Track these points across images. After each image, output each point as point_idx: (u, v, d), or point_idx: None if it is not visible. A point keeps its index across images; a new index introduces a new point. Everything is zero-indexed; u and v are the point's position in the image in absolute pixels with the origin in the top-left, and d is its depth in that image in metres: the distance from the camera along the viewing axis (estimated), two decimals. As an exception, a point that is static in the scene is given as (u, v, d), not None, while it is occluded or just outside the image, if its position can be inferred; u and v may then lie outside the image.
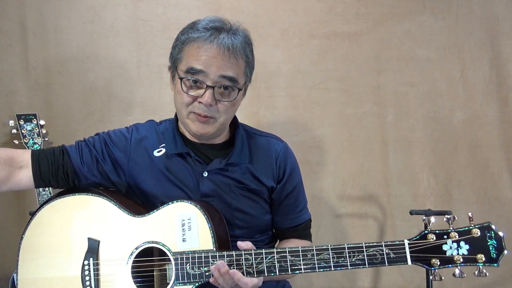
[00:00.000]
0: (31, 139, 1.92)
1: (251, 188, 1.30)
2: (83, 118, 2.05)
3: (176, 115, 1.32)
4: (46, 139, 1.97)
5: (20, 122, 1.92)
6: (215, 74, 1.16)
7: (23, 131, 1.91)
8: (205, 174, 1.26)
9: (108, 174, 1.28)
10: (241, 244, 1.13)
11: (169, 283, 1.13)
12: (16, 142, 1.91)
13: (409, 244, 1.05)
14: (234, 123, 1.36)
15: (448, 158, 2.15)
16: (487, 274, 0.99)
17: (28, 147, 1.90)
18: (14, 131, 1.92)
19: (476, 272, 1.00)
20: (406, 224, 2.12)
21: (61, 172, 1.24)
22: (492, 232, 1.01)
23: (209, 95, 1.16)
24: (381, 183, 2.15)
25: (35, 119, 1.94)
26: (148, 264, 1.19)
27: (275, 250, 1.11)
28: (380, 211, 2.16)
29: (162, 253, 1.18)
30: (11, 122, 1.93)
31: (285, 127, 2.11)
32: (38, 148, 1.91)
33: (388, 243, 1.06)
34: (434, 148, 2.15)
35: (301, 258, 1.09)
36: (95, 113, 2.05)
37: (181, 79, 1.18)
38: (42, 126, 1.95)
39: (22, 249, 1.19)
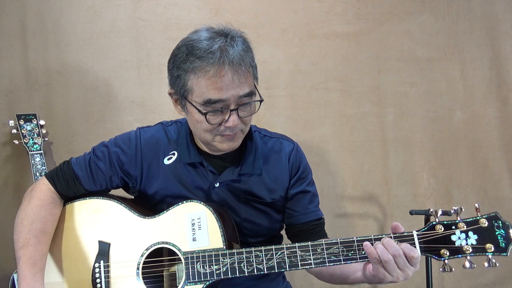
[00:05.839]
0: (31, 139, 1.92)
1: (263, 200, 1.29)
2: (83, 118, 2.05)
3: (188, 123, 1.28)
4: (46, 139, 1.97)
5: (20, 122, 1.92)
6: (235, 97, 1.09)
7: (23, 131, 1.91)
8: (217, 184, 1.25)
9: (120, 186, 1.31)
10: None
11: (179, 283, 1.13)
12: (16, 142, 1.91)
13: (417, 235, 1.04)
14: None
15: (448, 158, 2.16)
16: (497, 264, 0.99)
17: (28, 147, 1.90)
18: (14, 131, 1.92)
19: (486, 263, 0.99)
20: (406, 224, 2.10)
21: (78, 192, 1.27)
22: (500, 222, 1.01)
23: (235, 118, 1.11)
24: (381, 183, 2.15)
25: (35, 119, 1.94)
26: (158, 264, 1.19)
27: (284, 246, 1.10)
28: (380, 211, 2.16)
29: (172, 253, 1.18)
30: (11, 122, 1.93)
31: (285, 127, 2.11)
32: (38, 148, 1.91)
33: (397, 234, 1.05)
34: (434, 148, 2.16)
35: (311, 253, 1.08)
36: (95, 113, 2.05)
37: (205, 114, 1.10)
38: (42, 126, 1.95)
39: None
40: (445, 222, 1.04)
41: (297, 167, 1.33)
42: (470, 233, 1.02)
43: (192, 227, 1.16)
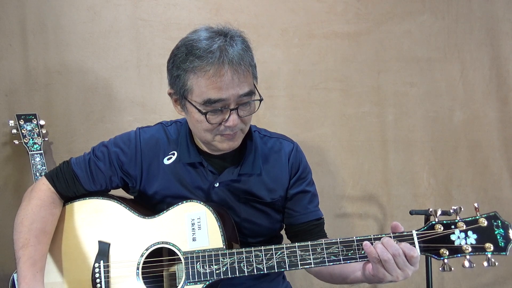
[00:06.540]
0: (31, 139, 1.92)
1: (262, 200, 1.29)
2: (83, 118, 2.05)
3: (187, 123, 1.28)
4: (46, 139, 1.97)
5: (20, 122, 1.92)
6: (235, 96, 1.09)
7: (23, 131, 1.91)
8: (217, 184, 1.25)
9: (120, 186, 1.31)
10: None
11: (179, 283, 1.13)
12: (16, 142, 1.91)
13: (417, 234, 1.04)
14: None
15: (448, 158, 2.16)
16: (497, 263, 0.98)
17: (28, 147, 1.90)
18: (14, 131, 1.92)
19: (486, 262, 0.99)
20: (406, 224, 2.09)
21: (78, 192, 1.27)
22: (499, 221, 1.01)
23: (235, 118, 1.12)
24: (381, 183, 2.16)
25: (35, 119, 1.94)
26: (158, 264, 1.19)
27: (284, 246, 1.10)
28: (380, 211, 2.16)
29: (172, 253, 1.18)
30: (11, 122, 1.93)
31: (285, 127, 2.11)
32: (38, 148, 1.91)
33: (397, 234, 1.05)
34: (434, 148, 2.16)
35: (310, 252, 1.08)
36: (95, 113, 2.05)
37: (205, 113, 1.11)
38: (42, 126, 1.95)
39: None
40: (444, 222, 1.04)
41: (297, 167, 1.32)
42: (470, 233, 1.02)
43: (192, 227, 1.16)
